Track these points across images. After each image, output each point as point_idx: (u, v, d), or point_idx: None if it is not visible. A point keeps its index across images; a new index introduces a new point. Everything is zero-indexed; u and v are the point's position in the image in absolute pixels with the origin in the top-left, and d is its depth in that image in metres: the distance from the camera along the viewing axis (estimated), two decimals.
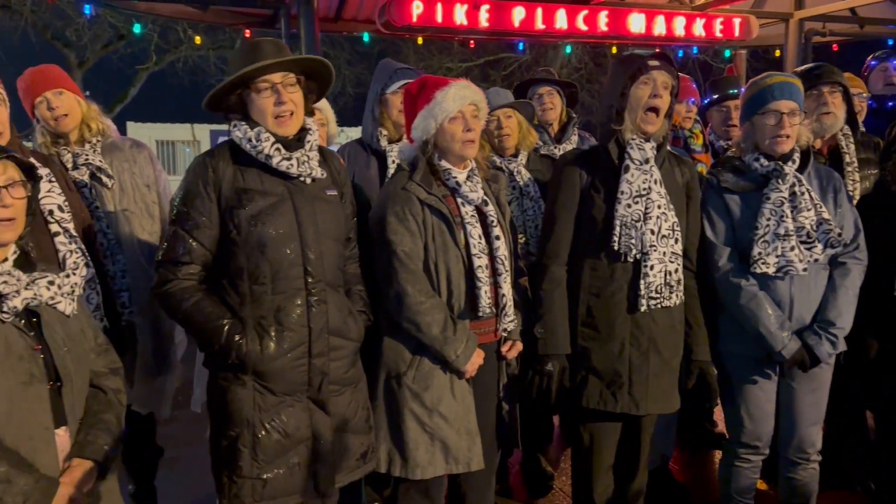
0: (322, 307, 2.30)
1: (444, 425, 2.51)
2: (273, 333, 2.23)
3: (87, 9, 8.42)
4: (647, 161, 2.60)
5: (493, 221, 2.56)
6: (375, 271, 2.54)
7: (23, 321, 1.82)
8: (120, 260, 2.85)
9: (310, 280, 2.27)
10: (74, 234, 2.42)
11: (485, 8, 7.42)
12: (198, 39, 14.20)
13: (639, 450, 2.83)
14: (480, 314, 2.51)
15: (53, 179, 2.46)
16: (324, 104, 3.13)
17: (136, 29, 10.78)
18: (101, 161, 2.89)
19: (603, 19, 7.93)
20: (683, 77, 3.88)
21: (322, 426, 2.33)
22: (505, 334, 2.62)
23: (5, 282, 1.77)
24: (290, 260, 2.24)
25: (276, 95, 2.23)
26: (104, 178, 2.88)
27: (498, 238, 2.55)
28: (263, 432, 2.25)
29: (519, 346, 2.67)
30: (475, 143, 2.52)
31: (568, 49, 14.55)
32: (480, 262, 2.48)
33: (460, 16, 7.34)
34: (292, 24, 7.72)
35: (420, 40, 9.53)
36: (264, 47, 2.25)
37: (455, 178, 2.52)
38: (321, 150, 2.41)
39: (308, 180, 2.31)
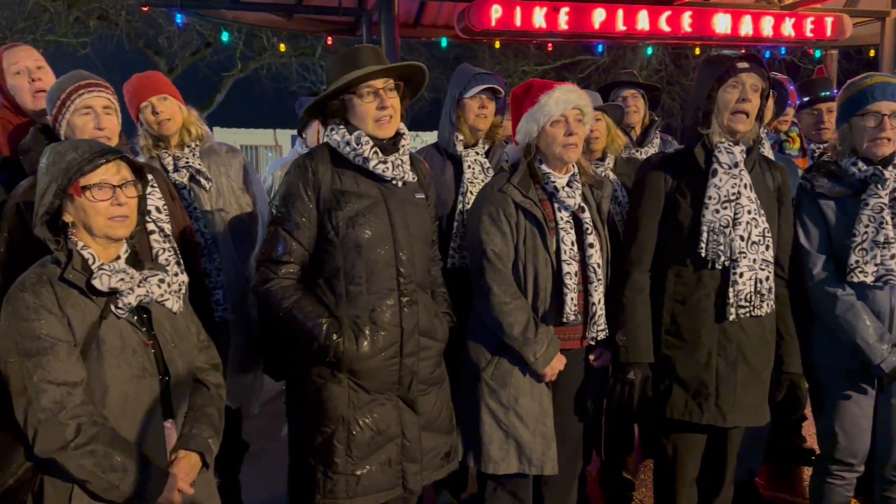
0: (413, 308, 2.35)
1: (518, 424, 2.55)
2: (368, 333, 2.29)
3: (179, 18, 8.80)
4: (736, 165, 2.53)
5: (588, 228, 2.56)
6: (469, 268, 2.61)
7: (135, 317, 1.92)
8: (216, 259, 2.96)
9: (402, 281, 2.32)
10: (168, 233, 2.54)
11: (564, 10, 7.36)
12: (282, 47, 14.61)
13: (724, 463, 2.74)
14: (565, 320, 2.52)
15: (156, 185, 2.59)
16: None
17: (224, 37, 11.22)
18: (199, 164, 3.02)
19: (686, 20, 7.75)
20: (781, 78, 3.74)
21: (410, 424, 2.38)
22: (593, 342, 2.61)
23: (121, 279, 1.86)
24: (385, 261, 2.30)
25: (379, 100, 2.30)
26: (202, 181, 3.00)
27: (592, 245, 2.55)
28: (357, 429, 2.31)
29: (607, 356, 2.65)
30: (577, 148, 2.52)
31: (649, 51, 14.26)
32: (570, 268, 2.50)
33: (539, 19, 7.30)
34: (373, 31, 7.85)
35: (497, 44, 9.52)
36: (364, 54, 2.32)
37: (554, 182, 2.54)
38: (409, 155, 2.46)
39: (400, 183, 2.36)
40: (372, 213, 2.30)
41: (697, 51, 9.84)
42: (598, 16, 7.49)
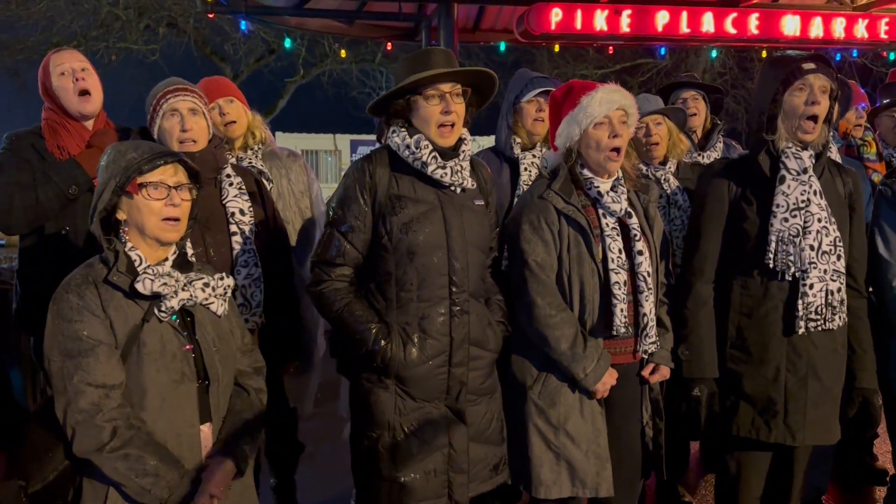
0: (464, 317, 2.30)
1: (570, 445, 2.43)
2: (416, 340, 2.26)
3: (243, 25, 9.00)
4: (804, 171, 2.42)
5: (636, 235, 2.45)
6: (510, 279, 2.51)
7: (178, 321, 1.93)
8: None
9: (454, 290, 2.29)
10: (250, 235, 2.59)
11: (626, 13, 7.24)
12: (343, 53, 14.81)
13: (791, 482, 2.62)
14: (615, 332, 2.40)
15: (243, 187, 2.64)
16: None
17: (287, 43, 11.43)
18: (262, 166, 3.07)
19: (753, 22, 7.53)
20: (850, 81, 3.60)
21: (458, 435, 2.33)
22: (646, 356, 2.51)
23: (165, 283, 1.87)
24: (437, 268, 2.27)
25: (444, 104, 2.26)
26: (265, 183, 3.05)
27: (641, 253, 2.43)
28: (402, 436, 2.28)
29: (664, 371, 2.54)
30: (620, 155, 2.41)
31: (713, 53, 13.93)
32: (618, 277, 2.38)
33: (600, 22, 7.20)
34: (432, 36, 7.88)
35: (556, 48, 9.44)
36: (436, 56, 2.28)
37: (597, 187, 2.44)
38: (470, 160, 2.42)
39: (459, 190, 2.33)
40: (427, 219, 2.27)
41: (764, 53, 9.54)
42: (662, 18, 7.34)
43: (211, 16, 8.98)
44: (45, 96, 2.81)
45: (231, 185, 2.62)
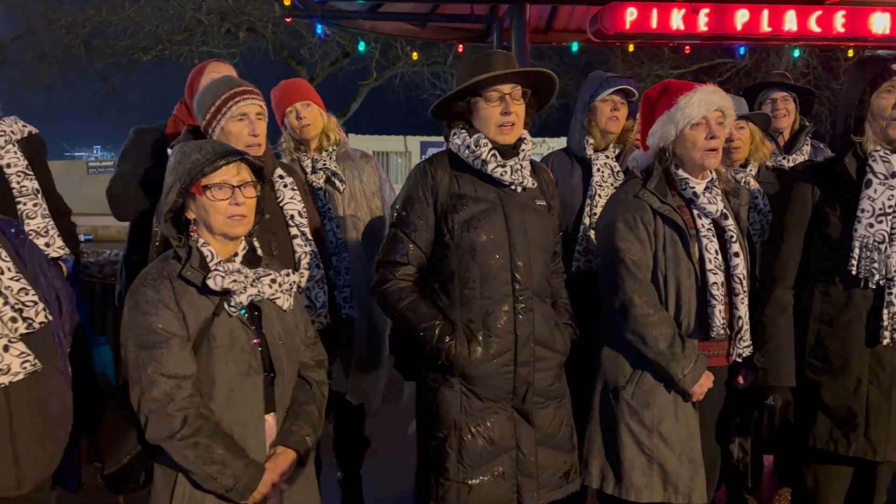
0: (528, 315, 2.30)
1: (663, 448, 2.39)
2: (481, 338, 2.27)
3: (319, 28, 9.21)
4: (893, 175, 2.33)
5: (732, 237, 2.42)
6: (599, 280, 2.50)
7: (246, 315, 1.99)
8: (345, 258, 3.06)
9: (517, 287, 2.28)
10: (310, 237, 2.64)
11: (704, 12, 7.05)
12: (415, 55, 14.98)
13: (872, 499, 2.52)
14: (713, 335, 2.36)
15: (296, 188, 2.69)
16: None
17: (361, 47, 11.62)
18: (335, 167, 3.15)
19: (839, 20, 7.22)
20: None
21: (526, 437, 2.32)
22: (738, 360, 2.45)
23: (234, 280, 1.93)
24: (499, 266, 2.27)
25: (504, 105, 2.28)
26: (337, 183, 3.14)
27: (737, 255, 2.40)
28: (469, 436, 2.29)
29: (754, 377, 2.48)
30: (718, 152, 2.39)
31: (796, 53, 13.44)
32: (716, 278, 2.35)
33: (677, 21, 7.04)
34: (504, 37, 7.88)
35: (631, 48, 9.29)
36: (496, 58, 2.31)
37: (693, 188, 2.41)
38: (531, 162, 2.43)
39: (519, 189, 2.33)
40: (488, 217, 2.28)
41: (851, 52, 9.15)
42: (741, 17, 7.12)
43: (288, 20, 9.20)
44: (188, 91, 2.99)
45: (285, 185, 2.64)
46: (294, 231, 2.60)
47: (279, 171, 2.67)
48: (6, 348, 1.86)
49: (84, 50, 17.60)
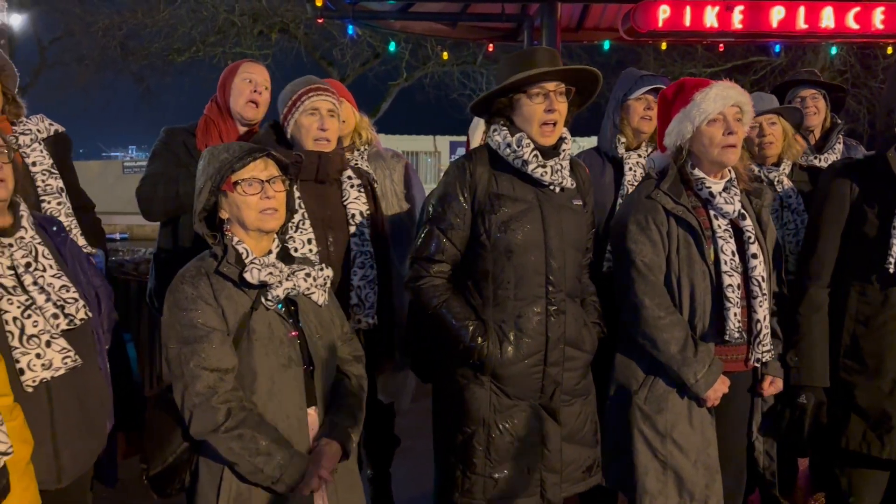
0: (560, 317, 2.30)
1: (678, 454, 2.35)
2: (512, 338, 2.27)
3: (351, 29, 9.28)
4: None
5: (750, 238, 2.36)
6: (614, 280, 2.47)
7: (283, 309, 2.02)
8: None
9: (550, 289, 2.28)
10: (367, 237, 2.66)
11: (739, 9, 6.95)
12: (445, 55, 15.01)
13: None
14: (728, 339, 2.31)
15: (363, 190, 2.72)
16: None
17: (391, 47, 11.68)
18: (367, 166, 3.17)
19: (878, 16, 7.06)
20: None
21: (552, 434, 2.33)
22: (758, 365, 2.41)
23: (270, 273, 1.96)
24: (534, 267, 2.27)
25: (548, 103, 2.26)
26: (375, 185, 3.14)
27: (755, 256, 2.34)
28: (497, 433, 2.30)
29: (778, 383, 2.44)
30: (736, 149, 2.33)
31: (833, 50, 13.19)
32: (731, 280, 2.29)
33: (711, 18, 6.95)
34: (535, 36, 7.86)
35: (664, 46, 9.20)
36: (540, 55, 2.29)
37: (709, 188, 2.37)
38: (570, 160, 2.41)
39: (558, 189, 2.32)
40: (525, 217, 2.27)
41: (890, 50, 8.95)
42: (777, 13, 7.00)
43: (320, 21, 9.30)
44: (220, 91, 3.01)
45: (352, 186, 2.69)
46: (353, 230, 2.63)
47: (349, 172, 2.72)
48: (48, 343, 1.91)
49: (120, 52, 17.98)
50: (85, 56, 18.45)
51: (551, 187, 2.30)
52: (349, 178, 2.70)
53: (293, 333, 2.01)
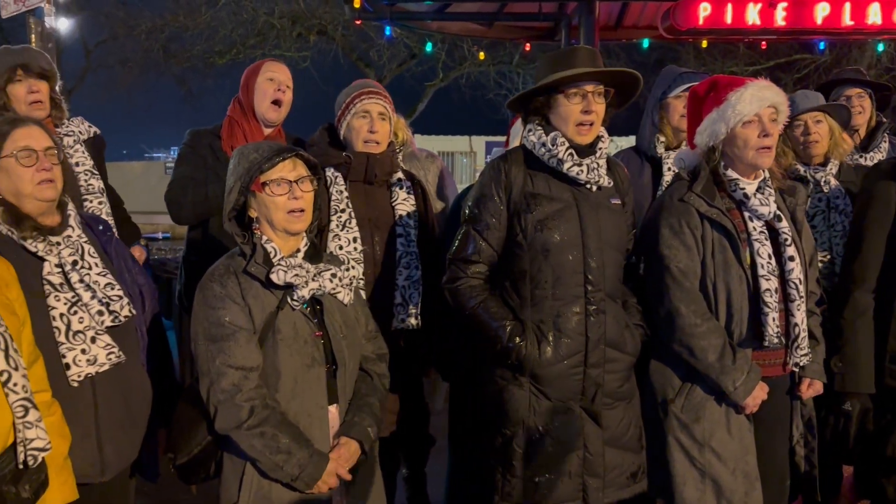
0: (600, 317, 2.27)
1: (716, 463, 2.31)
2: (551, 339, 2.25)
3: (388, 30, 9.32)
4: None
5: (786, 240, 2.31)
6: (646, 287, 2.43)
7: (308, 309, 2.04)
8: None
9: (589, 288, 2.26)
10: (413, 239, 2.69)
11: (782, 6, 6.82)
12: (481, 55, 14.98)
13: None
14: (766, 344, 2.26)
15: (412, 192, 2.75)
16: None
17: (428, 47, 11.70)
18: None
19: None
20: None
21: (594, 438, 2.30)
22: (796, 369, 2.36)
23: (297, 274, 1.99)
24: (572, 266, 2.25)
25: (585, 103, 2.25)
26: (427, 188, 3.15)
27: (792, 259, 2.29)
28: (537, 435, 2.28)
29: (817, 386, 2.39)
30: (771, 151, 2.28)
31: (880, 47, 12.85)
32: (769, 284, 2.25)
33: (753, 15, 6.82)
34: (572, 34, 7.81)
35: (704, 44, 9.06)
36: (580, 54, 2.28)
37: (743, 189, 2.32)
38: (607, 158, 2.39)
39: (594, 188, 2.30)
40: (562, 217, 2.25)
41: None
42: (821, 10, 6.84)
43: (358, 22, 9.36)
44: (242, 91, 3.04)
45: (402, 188, 2.73)
46: (399, 231, 2.66)
47: (399, 174, 2.76)
48: (93, 340, 1.95)
49: (162, 54, 18.33)
50: (128, 59, 18.86)
51: (587, 186, 2.28)
52: (399, 179, 2.74)
53: (318, 333, 2.04)
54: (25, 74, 2.76)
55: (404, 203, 2.70)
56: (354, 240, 2.54)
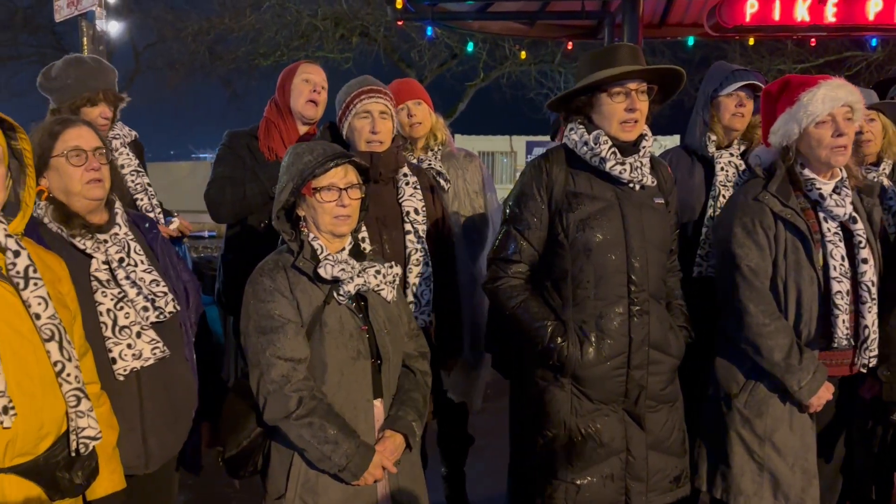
0: (644, 318, 2.24)
1: (775, 457, 2.30)
2: (593, 339, 2.23)
3: (429, 30, 9.34)
4: None
5: (860, 242, 2.27)
6: (716, 284, 2.41)
7: (353, 304, 2.08)
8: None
9: (633, 289, 2.23)
10: (423, 234, 2.69)
11: (832, 2, 6.63)
12: (523, 54, 14.93)
13: None
14: (835, 345, 2.23)
15: (419, 187, 2.74)
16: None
17: (469, 47, 11.69)
18: (440, 167, 3.19)
19: None
20: None
21: (637, 441, 2.28)
22: (864, 370, 2.31)
23: (342, 269, 2.03)
24: (615, 266, 2.23)
25: (629, 101, 2.23)
26: (442, 183, 3.16)
27: (865, 261, 2.25)
28: (579, 437, 2.27)
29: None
30: (846, 150, 2.25)
31: None
32: (840, 286, 2.22)
33: (802, 12, 6.65)
34: (615, 33, 7.72)
35: (751, 41, 8.88)
36: (622, 52, 2.26)
37: (819, 189, 2.28)
38: (651, 157, 2.36)
39: (637, 187, 2.27)
40: (604, 216, 2.23)
41: None
42: (874, 5, 6.63)
43: (400, 23, 9.41)
44: (279, 92, 3.09)
45: (408, 184, 2.72)
46: (408, 227, 2.66)
47: (405, 170, 2.75)
48: (139, 335, 2.00)
49: (208, 56, 18.66)
50: (176, 61, 19.24)
51: (630, 185, 2.26)
52: (405, 175, 2.71)
53: (363, 327, 2.08)
54: (105, 101, 2.86)
55: (411, 199, 2.68)
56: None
